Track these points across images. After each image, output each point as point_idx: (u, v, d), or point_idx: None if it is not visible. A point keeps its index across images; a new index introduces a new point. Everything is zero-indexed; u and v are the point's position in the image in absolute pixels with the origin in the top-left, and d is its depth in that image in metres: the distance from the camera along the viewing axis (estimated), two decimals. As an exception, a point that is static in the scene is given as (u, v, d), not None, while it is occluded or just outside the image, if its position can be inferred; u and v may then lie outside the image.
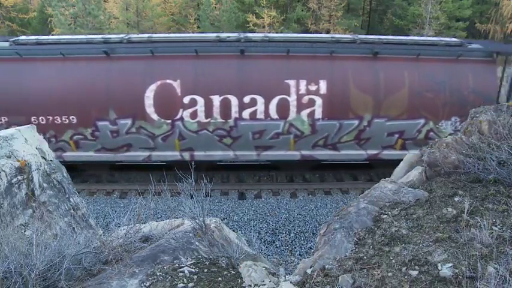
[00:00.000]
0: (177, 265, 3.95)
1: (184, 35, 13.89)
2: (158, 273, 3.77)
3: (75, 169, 14.18)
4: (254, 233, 11.06)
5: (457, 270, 3.30)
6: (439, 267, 3.37)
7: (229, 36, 12.67)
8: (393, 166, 5.80)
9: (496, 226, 3.80)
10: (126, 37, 12.70)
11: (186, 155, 12.76)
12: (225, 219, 11.91)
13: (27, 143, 5.08)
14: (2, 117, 12.21)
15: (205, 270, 3.92)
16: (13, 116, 12.20)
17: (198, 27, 27.85)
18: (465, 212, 3.97)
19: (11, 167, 4.59)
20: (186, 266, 3.94)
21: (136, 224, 4.57)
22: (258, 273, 3.86)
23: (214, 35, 13.09)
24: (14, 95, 12.05)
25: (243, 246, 4.94)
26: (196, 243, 4.41)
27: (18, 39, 12.74)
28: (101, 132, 12.28)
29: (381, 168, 14.20)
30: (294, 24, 25.72)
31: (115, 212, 11.52)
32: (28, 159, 4.88)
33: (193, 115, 12.06)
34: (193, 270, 3.88)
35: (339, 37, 12.88)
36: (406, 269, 3.42)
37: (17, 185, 4.62)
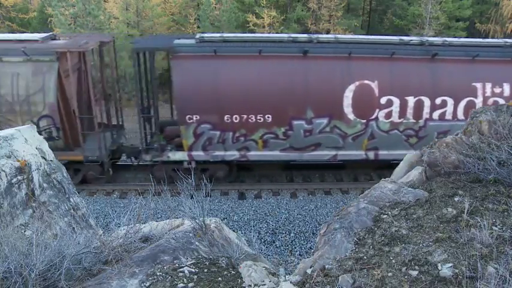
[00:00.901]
0: (177, 265, 3.94)
1: (369, 38, 14.06)
2: (158, 273, 3.77)
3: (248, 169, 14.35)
4: (254, 233, 11.05)
5: (457, 270, 3.30)
6: (439, 267, 3.37)
7: (411, 40, 13.18)
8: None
9: (496, 226, 3.80)
10: (315, 37, 12.93)
11: (371, 154, 13.02)
12: (225, 219, 11.90)
13: (27, 143, 5.08)
14: (194, 116, 12.09)
15: (205, 270, 3.92)
16: (206, 115, 12.08)
17: (198, 27, 27.83)
18: (465, 212, 3.97)
19: (11, 167, 4.59)
20: (186, 266, 3.94)
21: (136, 224, 4.57)
22: (258, 273, 3.85)
23: (397, 38, 13.46)
24: (207, 93, 11.93)
25: (243, 246, 4.94)
26: (196, 243, 4.40)
27: (203, 37, 12.69)
28: (294, 131, 12.40)
29: (380, 168, 14.22)
30: (294, 24, 25.69)
31: (115, 212, 11.52)
32: (28, 159, 4.88)
33: (388, 115, 12.38)
34: (193, 270, 3.88)
35: None
36: (406, 269, 3.42)
37: (17, 185, 4.62)
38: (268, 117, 12.12)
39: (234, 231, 6.08)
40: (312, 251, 5.65)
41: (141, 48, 12.94)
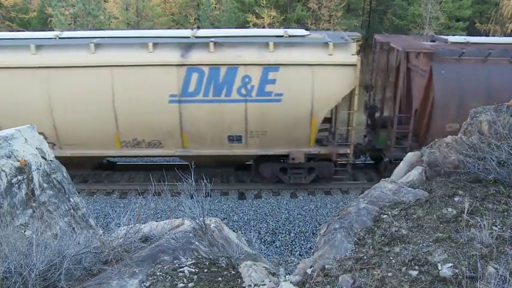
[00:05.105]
0: (177, 265, 3.94)
1: None
2: (158, 273, 3.76)
3: None
4: (254, 233, 11.06)
5: (457, 270, 3.30)
6: (439, 267, 3.37)
7: None
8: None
9: (496, 226, 3.80)
10: None
11: None
12: (225, 219, 11.90)
13: (27, 143, 5.07)
14: None
15: (205, 270, 3.91)
16: None
17: (198, 27, 27.84)
18: (465, 212, 3.97)
19: (11, 167, 4.59)
20: (186, 266, 3.94)
21: (136, 224, 4.57)
22: (258, 273, 3.85)
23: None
24: None
25: (243, 246, 4.94)
26: (196, 243, 4.40)
27: None
28: None
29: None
30: (294, 24, 25.67)
31: (115, 212, 11.52)
32: (28, 159, 4.88)
33: None
34: (193, 270, 3.88)
35: None
36: (406, 269, 3.42)
37: (17, 185, 4.61)
38: None
39: (234, 231, 6.08)
40: (312, 251, 5.65)
41: None
